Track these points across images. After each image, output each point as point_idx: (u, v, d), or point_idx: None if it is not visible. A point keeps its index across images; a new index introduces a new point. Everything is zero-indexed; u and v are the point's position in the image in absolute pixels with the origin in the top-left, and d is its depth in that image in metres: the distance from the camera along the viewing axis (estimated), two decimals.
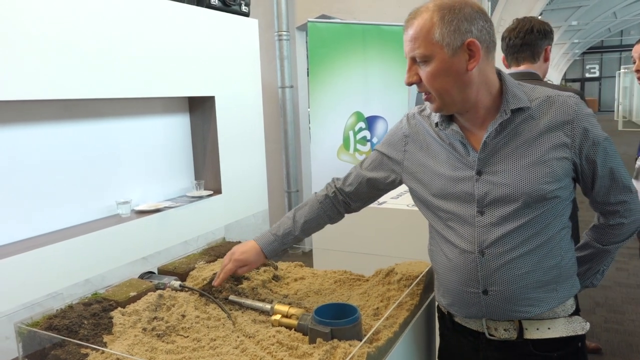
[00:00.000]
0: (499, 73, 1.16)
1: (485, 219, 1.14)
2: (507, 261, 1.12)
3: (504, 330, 1.17)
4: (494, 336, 1.19)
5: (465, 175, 1.16)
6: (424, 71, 1.10)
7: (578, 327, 1.18)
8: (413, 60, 1.12)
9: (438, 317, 1.36)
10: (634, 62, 2.30)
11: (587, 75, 28.75)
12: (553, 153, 1.10)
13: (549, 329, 1.16)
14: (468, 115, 1.15)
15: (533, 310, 1.14)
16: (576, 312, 1.21)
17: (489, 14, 12.05)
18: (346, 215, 1.48)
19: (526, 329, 1.16)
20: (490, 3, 11.69)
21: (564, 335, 1.16)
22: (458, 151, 1.17)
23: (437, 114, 1.20)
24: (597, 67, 28.35)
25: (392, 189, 1.39)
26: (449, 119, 1.19)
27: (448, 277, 1.22)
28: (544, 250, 1.13)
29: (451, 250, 1.19)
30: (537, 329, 1.16)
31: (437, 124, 1.21)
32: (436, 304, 1.36)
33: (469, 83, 1.09)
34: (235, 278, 1.36)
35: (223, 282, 1.34)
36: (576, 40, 20.51)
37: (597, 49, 26.65)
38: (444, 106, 1.13)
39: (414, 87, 1.18)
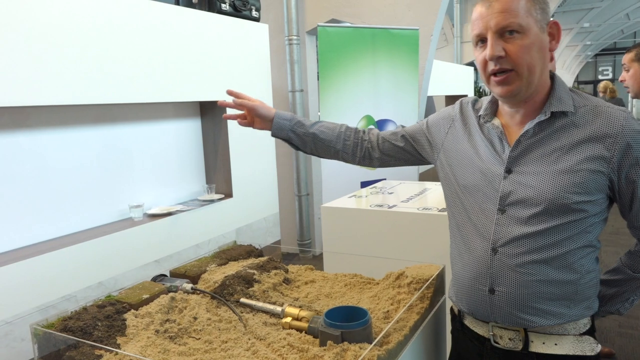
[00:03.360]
0: (552, 75, 1.15)
1: (505, 217, 1.13)
2: (519, 264, 1.11)
3: (509, 339, 1.16)
4: (498, 344, 1.17)
5: (495, 171, 1.16)
6: (514, 44, 1.06)
7: (587, 347, 1.13)
8: (498, 34, 1.07)
9: (450, 317, 1.36)
10: (627, 71, 2.38)
11: (600, 77, 28.44)
12: (588, 164, 1.06)
13: (555, 344, 1.13)
14: (522, 107, 1.14)
15: (539, 321, 1.12)
16: (589, 332, 1.16)
17: None
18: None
19: (532, 342, 1.14)
20: None
21: (571, 354, 1.12)
22: (495, 147, 1.17)
23: (484, 107, 1.21)
24: (610, 68, 28.06)
25: (417, 162, 1.41)
26: (493, 113, 1.20)
27: (460, 270, 1.23)
28: (561, 263, 1.10)
29: (466, 244, 1.20)
30: (543, 343, 1.13)
31: (480, 117, 1.21)
32: (450, 305, 1.36)
33: (547, 65, 1.10)
34: (247, 281, 1.37)
35: (234, 94, 1.41)
36: (588, 42, 20.33)
37: (610, 51, 26.40)
38: (521, 87, 1.09)
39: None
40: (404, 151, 1.40)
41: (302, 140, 1.42)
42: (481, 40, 1.11)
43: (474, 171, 1.20)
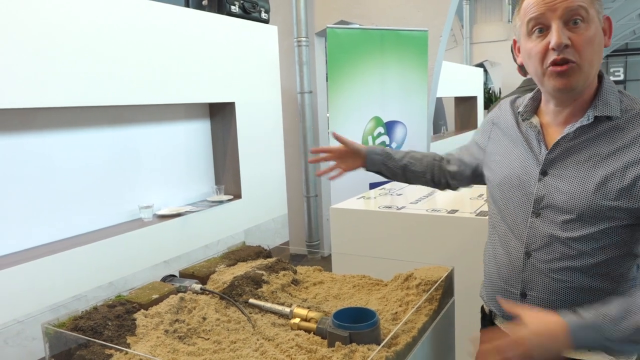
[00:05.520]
0: (601, 74, 1.09)
1: (539, 221, 1.09)
2: (552, 269, 1.07)
3: None
4: None
5: (530, 172, 1.12)
6: (579, 35, 1.00)
7: (621, 357, 1.07)
8: (564, 22, 1.00)
9: (481, 316, 1.35)
10: None
11: (612, 78, 28.21)
12: (627, 170, 1.00)
13: (588, 350, 1.05)
14: (569, 106, 1.08)
15: None
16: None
17: (510, 17, 11.88)
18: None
19: None
20: (511, 7, 11.58)
21: None
22: (531, 146, 1.14)
23: (524, 104, 1.18)
24: (621, 70, 27.79)
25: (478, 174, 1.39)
26: (533, 111, 1.16)
27: (493, 271, 1.21)
28: (597, 271, 1.04)
29: (501, 246, 1.19)
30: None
31: (519, 114, 1.18)
32: (481, 305, 1.36)
33: (601, 62, 1.05)
34: (255, 282, 1.38)
35: (340, 138, 1.47)
36: None
37: (621, 52, 26.15)
38: (579, 81, 1.03)
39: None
40: (474, 170, 1.39)
41: (392, 172, 1.50)
42: (539, 29, 1.03)
43: (509, 171, 1.17)
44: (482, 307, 1.35)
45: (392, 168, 1.48)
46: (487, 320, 1.30)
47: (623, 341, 0.92)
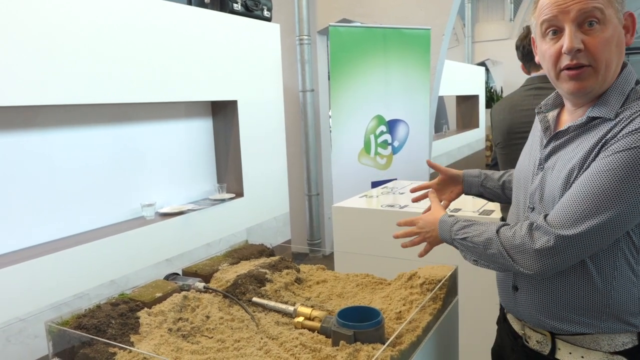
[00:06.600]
0: (624, 66, 1.03)
1: (533, 215, 1.09)
2: None
3: (537, 341, 1.13)
4: (528, 344, 1.16)
5: (533, 166, 1.13)
6: (593, 37, 0.96)
7: None
8: (577, 25, 0.97)
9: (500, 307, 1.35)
10: None
11: None
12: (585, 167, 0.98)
13: (582, 357, 1.05)
14: (586, 105, 1.04)
15: (563, 327, 1.06)
16: (628, 353, 1.02)
17: (512, 16, 11.82)
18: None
19: (559, 349, 1.09)
20: (512, 5, 11.56)
21: None
22: (541, 140, 1.14)
23: (547, 98, 1.16)
24: None
25: None
26: (556, 105, 1.15)
27: None
28: (585, 271, 1.01)
29: None
30: (570, 353, 1.07)
31: (539, 107, 1.16)
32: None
33: (621, 61, 1.00)
34: (259, 280, 1.38)
35: (434, 165, 1.51)
36: None
37: None
38: (595, 84, 0.99)
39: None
40: None
41: (493, 193, 1.46)
42: (553, 31, 1.01)
43: (520, 165, 1.20)
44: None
45: (492, 188, 1.44)
46: (501, 313, 1.30)
47: (460, 244, 1.14)
